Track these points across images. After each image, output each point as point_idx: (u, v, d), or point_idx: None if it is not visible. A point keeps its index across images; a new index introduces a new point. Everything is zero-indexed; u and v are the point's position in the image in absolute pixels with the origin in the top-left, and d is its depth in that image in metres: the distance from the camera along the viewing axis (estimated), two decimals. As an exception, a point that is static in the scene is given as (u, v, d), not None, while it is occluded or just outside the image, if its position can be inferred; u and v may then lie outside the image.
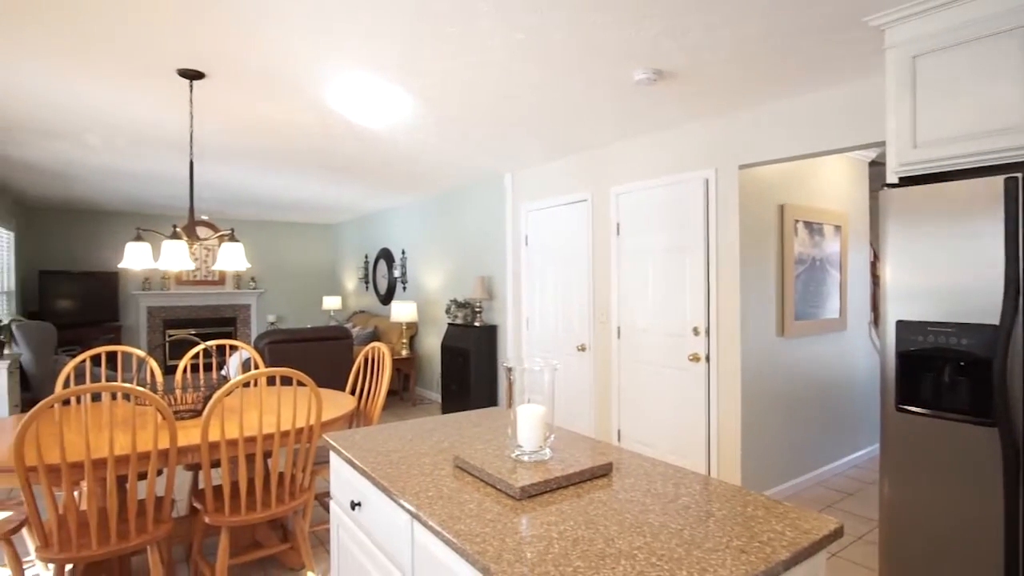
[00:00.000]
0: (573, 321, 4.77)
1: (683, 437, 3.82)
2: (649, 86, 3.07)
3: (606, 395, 4.44)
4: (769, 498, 1.37)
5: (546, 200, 5.06)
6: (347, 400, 3.11)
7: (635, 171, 4.18)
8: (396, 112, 3.54)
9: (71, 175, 5.52)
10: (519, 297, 5.41)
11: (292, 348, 5.43)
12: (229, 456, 2.39)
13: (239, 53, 2.64)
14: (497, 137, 4.17)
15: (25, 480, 1.98)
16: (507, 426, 2.02)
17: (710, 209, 3.66)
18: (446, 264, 6.65)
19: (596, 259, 4.53)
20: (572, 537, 1.16)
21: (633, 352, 4.20)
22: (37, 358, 5.60)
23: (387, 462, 1.64)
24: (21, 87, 3.06)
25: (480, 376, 5.58)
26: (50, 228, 7.95)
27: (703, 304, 3.69)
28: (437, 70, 2.87)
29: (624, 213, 4.27)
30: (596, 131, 4.00)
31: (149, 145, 4.33)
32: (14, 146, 4.36)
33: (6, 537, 2.30)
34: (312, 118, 3.66)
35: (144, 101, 3.29)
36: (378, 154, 4.68)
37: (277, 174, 5.53)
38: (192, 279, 9.01)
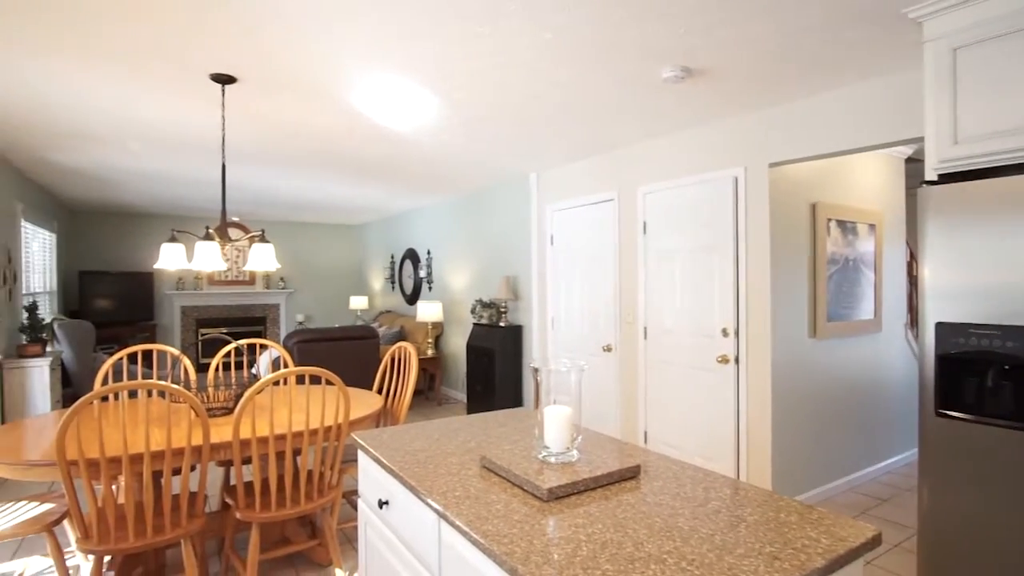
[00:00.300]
0: (599, 321, 4.74)
1: (711, 440, 3.76)
2: (677, 84, 3.03)
3: (632, 396, 4.40)
4: (803, 503, 1.34)
5: (572, 200, 5.04)
6: (374, 399, 3.14)
7: (662, 170, 4.13)
8: (423, 113, 3.57)
9: (110, 179, 5.69)
10: (544, 297, 5.40)
11: (320, 347, 5.51)
12: (260, 454, 2.44)
13: (270, 58, 2.68)
14: (523, 137, 4.17)
15: (66, 473, 2.04)
16: (534, 427, 2.01)
17: (739, 208, 3.60)
18: (471, 264, 6.67)
19: (622, 259, 4.50)
20: (600, 540, 1.15)
21: (660, 353, 4.15)
22: (77, 355, 5.79)
23: (414, 461, 1.64)
24: (65, 95, 3.17)
25: (505, 376, 5.58)
26: (90, 230, 8.21)
27: (732, 305, 3.63)
28: (464, 71, 2.87)
29: (651, 212, 4.22)
30: (623, 130, 3.96)
31: (184, 149, 4.44)
32: (58, 151, 4.52)
33: (48, 528, 2.38)
34: (340, 121, 3.71)
35: (179, 106, 3.37)
36: (404, 155, 4.71)
37: (306, 176, 5.62)
38: (224, 279, 9.21)
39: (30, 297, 5.72)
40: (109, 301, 8.05)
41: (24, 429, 2.63)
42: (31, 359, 4.64)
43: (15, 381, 4.59)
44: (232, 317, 9.31)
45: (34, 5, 2.17)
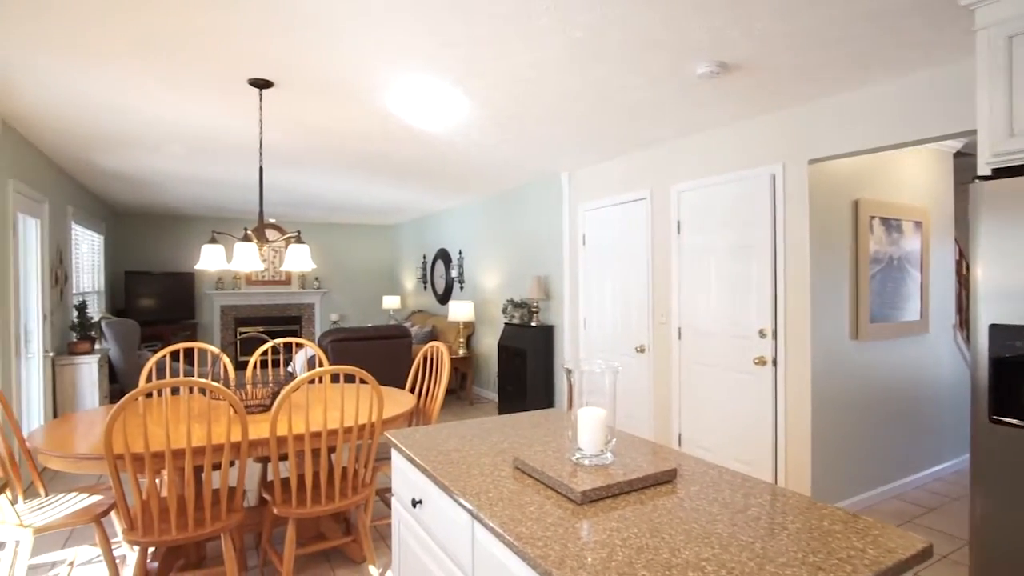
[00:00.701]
0: (632, 322, 4.69)
1: (747, 443, 3.68)
2: (712, 79, 2.97)
3: (666, 398, 4.33)
4: (847, 512, 1.29)
5: (604, 199, 4.99)
6: (407, 398, 3.16)
7: (697, 168, 4.06)
8: (455, 114, 3.58)
9: (153, 182, 5.88)
10: (576, 297, 5.37)
11: (354, 346, 5.59)
12: (296, 451, 2.48)
13: (306, 62, 2.73)
14: (555, 136, 4.15)
15: (113, 467, 2.11)
16: (567, 428, 2.00)
17: (777, 206, 3.50)
18: (503, 264, 6.68)
19: (656, 258, 4.43)
20: (636, 545, 1.13)
21: (695, 354, 4.08)
22: (123, 353, 6.01)
23: (447, 461, 1.65)
24: (114, 102, 3.28)
25: (537, 376, 5.56)
26: (135, 232, 8.52)
27: (770, 305, 3.54)
28: (496, 70, 2.87)
29: (685, 211, 4.15)
30: (656, 128, 3.91)
31: (223, 152, 4.56)
32: (105, 156, 4.69)
33: (96, 519, 2.47)
34: (373, 123, 3.75)
35: (219, 111, 3.46)
36: (436, 156, 4.74)
37: (339, 177, 5.71)
38: (261, 279, 9.44)
39: (80, 296, 5.96)
40: (153, 300, 8.33)
41: (74, 423, 2.73)
42: (81, 356, 4.84)
43: (66, 377, 4.79)
44: (269, 316, 9.53)
45: (88, 18, 2.26)
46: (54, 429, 2.62)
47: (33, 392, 4.40)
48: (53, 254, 4.82)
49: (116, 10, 2.22)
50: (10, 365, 3.73)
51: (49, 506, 2.55)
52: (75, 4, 2.17)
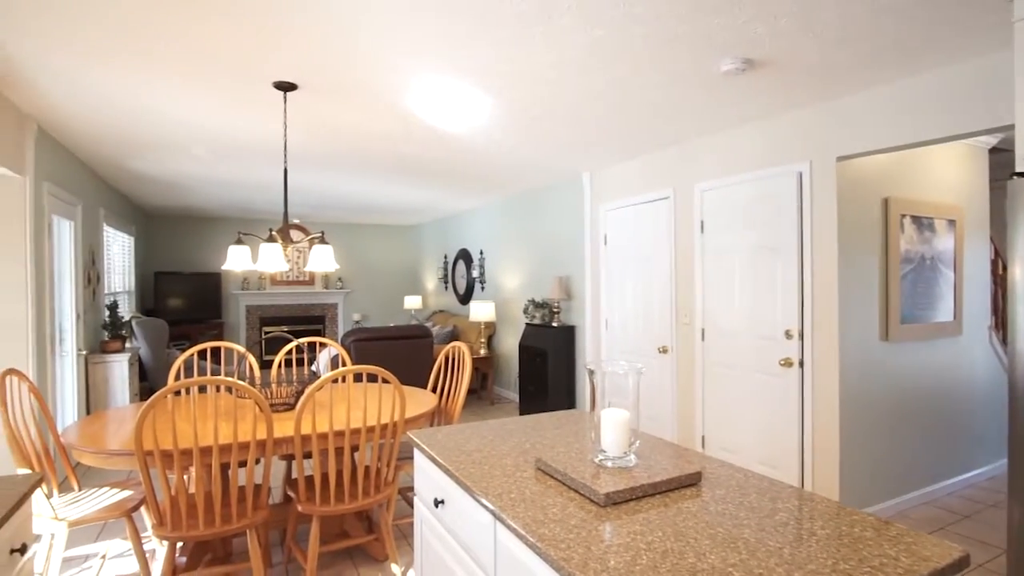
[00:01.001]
0: (654, 322, 4.64)
1: (773, 446, 3.61)
2: (737, 76, 2.92)
3: (689, 399, 4.28)
4: (879, 518, 1.26)
5: (625, 199, 4.95)
6: (429, 398, 3.18)
7: (721, 166, 4.00)
8: (476, 115, 3.59)
9: (181, 184, 6.01)
10: (598, 297, 5.34)
11: (376, 346, 5.64)
12: (319, 449, 2.51)
13: (329, 65, 2.76)
14: (576, 136, 4.13)
15: (143, 463, 2.16)
16: (589, 430, 1.98)
17: (804, 204, 3.44)
18: (524, 264, 6.67)
19: (678, 258, 4.39)
20: (660, 549, 1.11)
21: (718, 355, 4.02)
22: (152, 351, 6.15)
23: (469, 461, 1.65)
24: (145, 108, 3.36)
25: (558, 377, 5.55)
26: (164, 233, 8.71)
27: (796, 306, 3.47)
28: (517, 71, 2.87)
29: (709, 210, 4.10)
30: (679, 126, 3.86)
31: (248, 155, 4.64)
32: (135, 160, 4.80)
33: (127, 514, 2.53)
34: (396, 124, 3.77)
35: (244, 114, 3.51)
36: (458, 157, 4.76)
37: (362, 178, 5.76)
38: (285, 280, 9.57)
39: (111, 296, 6.11)
40: (181, 300, 8.51)
41: (106, 420, 2.80)
42: (112, 354, 4.96)
43: (98, 375, 4.91)
44: (293, 316, 9.67)
45: (120, 25, 2.31)
46: (87, 425, 2.69)
47: (67, 389, 4.52)
48: (86, 255, 4.95)
49: (147, 17, 2.26)
50: (46, 363, 3.84)
51: (82, 500, 2.62)
52: (107, 12, 2.22)
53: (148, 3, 2.16)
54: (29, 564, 1.55)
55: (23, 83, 3.04)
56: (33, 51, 2.63)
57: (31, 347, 3.56)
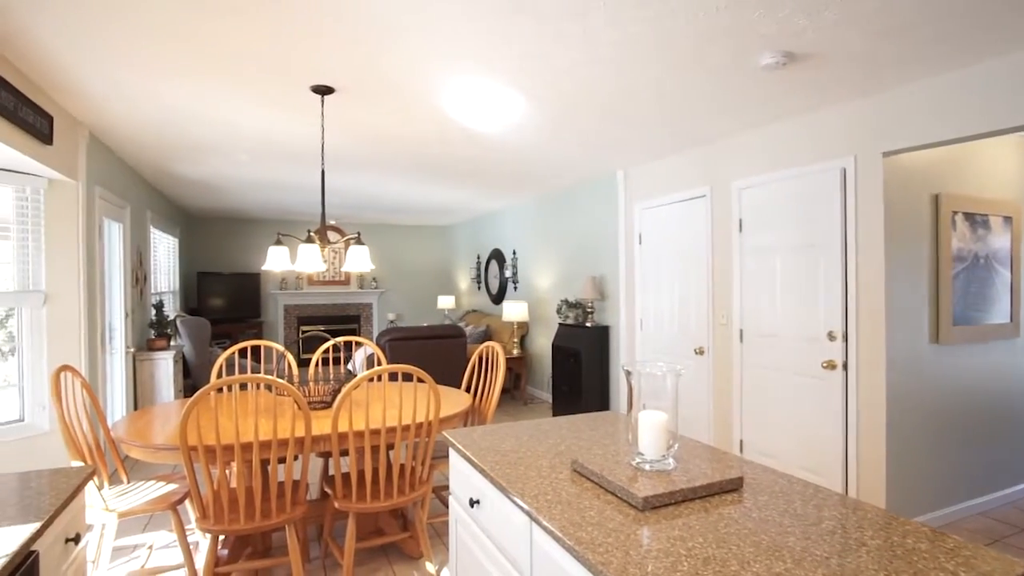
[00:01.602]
0: (690, 323, 4.56)
1: (815, 451, 3.50)
2: (778, 71, 2.84)
3: (726, 402, 4.19)
4: (933, 529, 1.20)
5: (661, 197, 4.88)
6: (463, 398, 3.19)
7: (760, 163, 3.91)
8: (509, 115, 3.58)
9: (223, 187, 6.18)
10: (632, 297, 5.27)
11: (410, 345, 5.70)
12: (356, 447, 2.54)
13: (365, 68, 2.79)
14: (610, 134, 4.09)
15: (188, 458, 2.22)
16: (626, 432, 1.95)
17: (848, 201, 3.32)
18: (557, 264, 6.64)
19: (715, 258, 4.30)
20: (702, 556, 1.09)
21: (757, 357, 3.92)
22: (196, 349, 6.34)
23: (505, 462, 1.64)
24: (187, 113, 3.47)
25: (591, 377, 5.50)
26: (206, 234, 8.98)
27: (840, 306, 3.36)
28: (550, 69, 2.85)
29: (747, 208, 4.00)
30: (716, 123, 3.78)
31: (286, 157, 4.74)
32: (180, 163, 4.97)
33: (172, 507, 2.61)
34: (430, 125, 3.80)
35: (282, 117, 3.59)
36: (492, 156, 4.76)
37: (397, 179, 5.82)
38: (322, 280, 9.76)
39: (157, 296, 6.33)
40: (222, 300, 8.76)
41: (152, 415, 2.90)
42: (158, 352, 5.13)
43: (145, 372, 5.09)
44: (329, 315, 9.85)
45: (166, 33, 2.39)
46: (135, 421, 2.78)
47: (117, 385, 4.70)
48: (134, 256, 5.14)
49: (196, 28, 2.33)
50: (97, 360, 4.00)
51: (131, 492, 2.72)
52: (161, 24, 2.30)
53: (198, 14, 2.23)
54: (82, 553, 1.62)
55: (78, 93, 3.18)
56: (89, 62, 2.73)
57: (83, 345, 3.71)
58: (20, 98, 2.78)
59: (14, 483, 1.56)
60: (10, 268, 3.42)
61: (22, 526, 1.28)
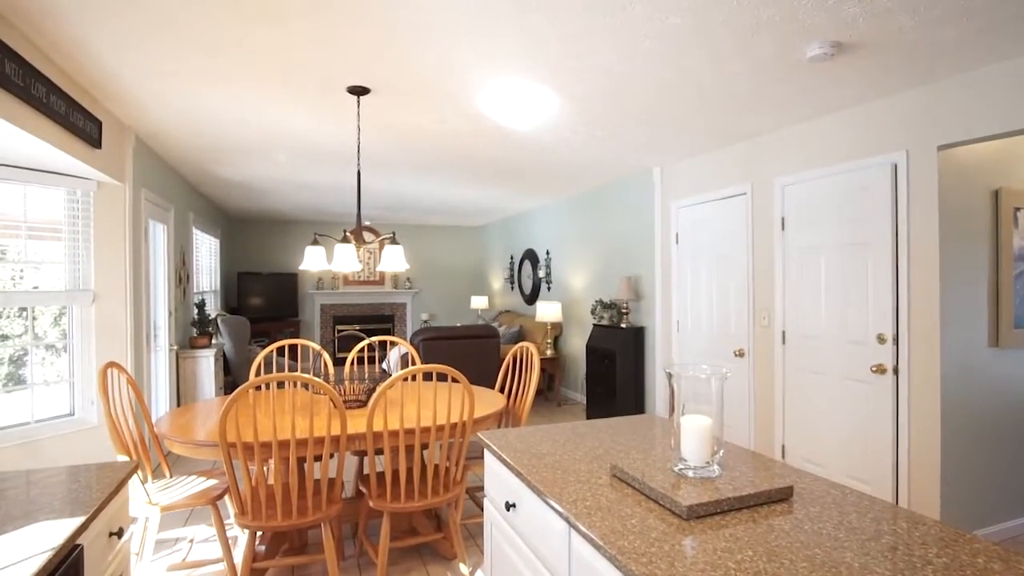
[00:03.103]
0: (730, 324, 4.44)
1: (862, 459, 3.36)
2: (825, 62, 2.73)
3: (768, 406, 4.06)
4: (1006, 549, 1.11)
5: (699, 195, 4.77)
6: (497, 398, 3.16)
7: (804, 159, 3.77)
8: (545, 113, 3.54)
9: (261, 188, 6.31)
10: (669, 298, 5.17)
11: (444, 345, 5.71)
12: (390, 446, 2.54)
13: (400, 68, 2.79)
14: (647, 131, 4.01)
15: (227, 454, 2.25)
16: (666, 436, 1.89)
17: (899, 198, 3.17)
18: (591, 264, 6.57)
19: (756, 257, 4.17)
20: (751, 570, 1.03)
21: (801, 360, 3.79)
22: (236, 347, 6.49)
23: (542, 465, 1.60)
24: (228, 116, 3.54)
25: (626, 379, 5.41)
26: (245, 235, 9.20)
27: (890, 308, 3.21)
28: (586, 66, 2.81)
29: (790, 206, 3.87)
30: (758, 118, 3.67)
31: (323, 158, 4.80)
32: (220, 166, 5.09)
33: (212, 502, 2.66)
34: (464, 125, 3.79)
35: (319, 119, 3.63)
36: (526, 155, 4.73)
37: (431, 180, 5.85)
38: (357, 280, 9.90)
39: (199, 295, 6.51)
40: (261, 299, 8.95)
41: (194, 412, 2.96)
42: (200, 350, 5.27)
43: (188, 369, 5.23)
44: (364, 315, 9.98)
45: (210, 44, 2.43)
46: (177, 417, 2.85)
47: (161, 382, 4.84)
48: (177, 256, 5.28)
49: (234, 35, 2.37)
50: (142, 357, 4.12)
51: (173, 487, 2.78)
52: (205, 30, 2.34)
53: (242, 25, 2.26)
54: (126, 547, 1.65)
55: (126, 98, 3.27)
56: (137, 69, 2.81)
57: (129, 342, 3.83)
58: (71, 104, 2.87)
59: (63, 476, 1.60)
60: (61, 268, 3.55)
61: (68, 520, 1.30)
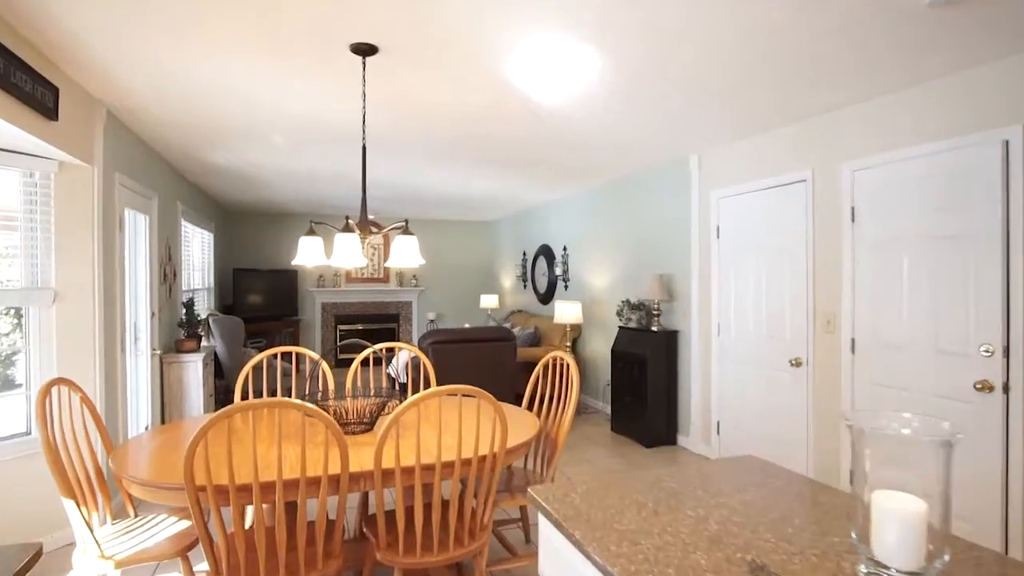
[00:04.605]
0: (783, 329, 3.91)
1: (961, 493, 2.83)
2: (946, 7, 2.19)
3: (831, 426, 3.53)
4: None
5: (744, 183, 4.23)
6: (529, 420, 2.64)
7: (882, 139, 3.23)
8: (580, 81, 3.01)
9: (257, 177, 5.78)
10: (708, 298, 4.63)
11: (456, 349, 5.19)
12: (404, 485, 2.02)
13: (415, 22, 2.27)
14: (691, 106, 3.47)
15: (195, 500, 1.74)
16: (802, 502, 1.37)
17: (1012, 182, 2.64)
18: (615, 261, 6.03)
19: (819, 253, 3.64)
20: None
21: (875, 372, 3.26)
22: (229, 349, 5.98)
23: (635, 552, 1.08)
24: (217, 86, 3.01)
25: (658, 388, 4.89)
26: (243, 229, 8.68)
27: (998, 313, 2.68)
28: (636, 20, 2.28)
29: (863, 194, 3.34)
30: (830, 90, 3.13)
31: (325, 140, 4.28)
32: (212, 150, 4.56)
33: (182, 553, 2.14)
34: (485, 96, 3.27)
35: (320, 86, 3.10)
36: (550, 138, 4.19)
37: (441, 167, 5.32)
38: (361, 277, 9.37)
39: (190, 293, 5.99)
40: (259, 297, 8.43)
41: (169, 436, 2.43)
42: (187, 354, 4.75)
43: (173, 375, 4.72)
44: (367, 314, 9.46)
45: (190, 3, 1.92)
46: (141, 446, 2.33)
47: (142, 391, 4.33)
48: (162, 251, 4.77)
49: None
50: (116, 365, 3.60)
51: (137, 530, 2.27)
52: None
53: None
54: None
55: (91, 64, 2.75)
56: (101, 28, 2.30)
57: (98, 348, 3.31)
58: (12, 60, 2.35)
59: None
60: (16, 263, 3.03)
61: None
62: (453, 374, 5.14)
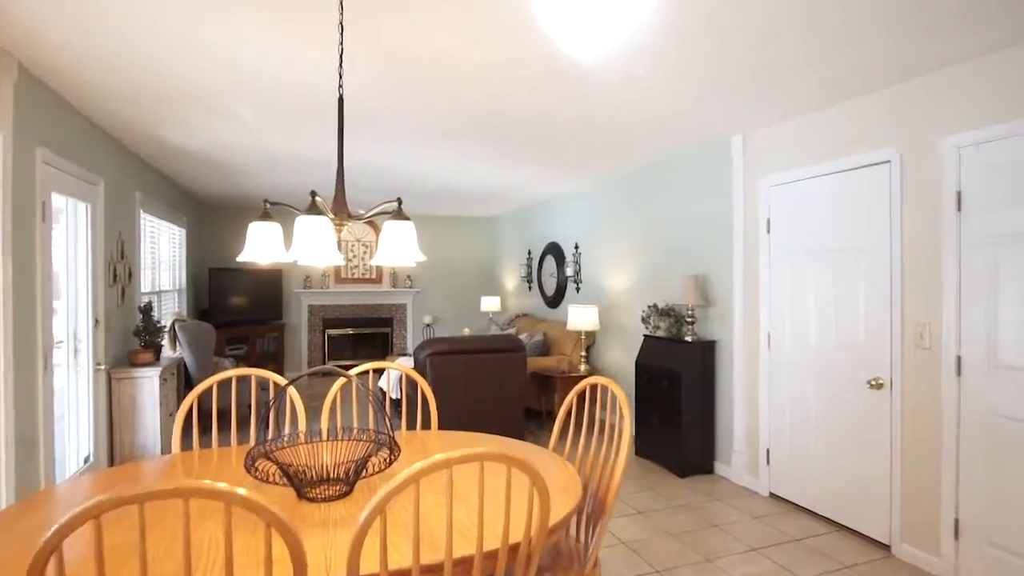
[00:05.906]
0: (858, 343, 3.23)
1: None
2: None
3: (928, 461, 2.86)
4: None
5: (803, 167, 3.55)
6: (567, 475, 1.94)
7: (994, 108, 2.56)
8: (629, 23, 2.32)
9: (230, 163, 5.06)
10: (755, 304, 3.95)
11: (458, 361, 4.49)
12: (395, 594, 1.32)
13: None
14: (751, 67, 2.79)
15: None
16: None
17: None
18: (636, 260, 5.34)
19: (908, 250, 2.96)
20: None
21: (992, 397, 2.58)
22: (198, 360, 5.26)
23: None
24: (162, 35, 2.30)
25: (692, 408, 4.20)
26: (218, 225, 7.94)
27: None
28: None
29: (972, 176, 2.66)
30: (921, 48, 2.46)
31: (298, 112, 3.58)
32: (168, 126, 3.84)
33: None
34: (499, 53, 2.58)
35: (290, 38, 2.40)
36: (575, 108, 3.48)
37: (438, 150, 4.61)
38: (350, 277, 8.66)
39: (154, 296, 5.27)
40: (240, 299, 7.69)
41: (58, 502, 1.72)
42: (141, 368, 4.03)
43: (124, 393, 3.99)
44: (358, 317, 8.74)
45: None
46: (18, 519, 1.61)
47: (82, 415, 3.61)
48: (112, 247, 4.04)
49: None
50: (36, 387, 2.88)
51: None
52: None
53: None
54: None
55: (-36, -18, 2.04)
56: None
57: (6, 366, 2.60)
58: None
59: None
60: None
61: None
62: (454, 391, 4.45)
